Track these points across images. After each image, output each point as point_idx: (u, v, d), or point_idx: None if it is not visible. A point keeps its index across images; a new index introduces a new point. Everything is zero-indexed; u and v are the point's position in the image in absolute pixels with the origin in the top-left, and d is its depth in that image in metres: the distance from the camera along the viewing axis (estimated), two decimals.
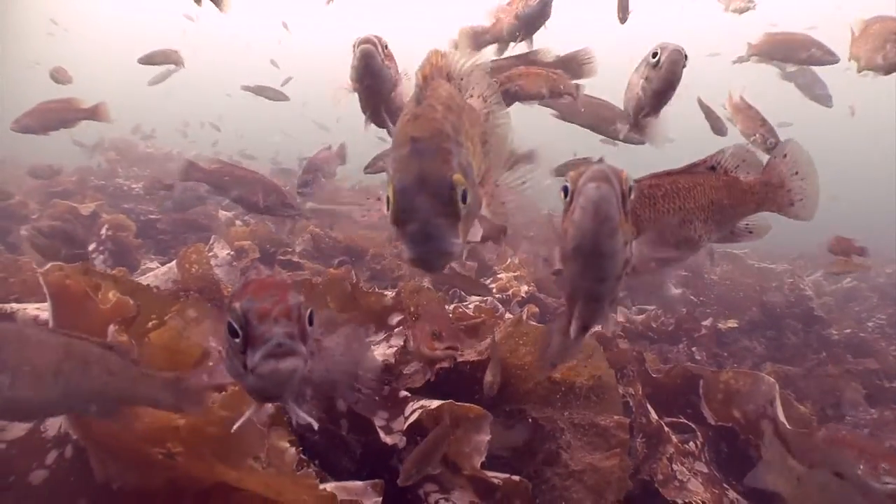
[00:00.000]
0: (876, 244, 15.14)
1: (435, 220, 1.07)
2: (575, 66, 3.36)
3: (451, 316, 2.85)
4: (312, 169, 5.11)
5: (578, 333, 1.36)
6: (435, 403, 2.18)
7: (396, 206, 1.09)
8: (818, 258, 10.06)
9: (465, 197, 1.10)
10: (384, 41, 2.36)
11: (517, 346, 2.65)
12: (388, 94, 2.46)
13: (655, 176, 1.81)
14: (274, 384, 1.10)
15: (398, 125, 1.24)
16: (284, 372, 1.06)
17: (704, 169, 1.82)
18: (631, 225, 1.19)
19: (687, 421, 3.05)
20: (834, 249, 5.20)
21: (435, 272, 1.17)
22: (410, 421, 2.18)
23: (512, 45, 3.53)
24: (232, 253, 5.17)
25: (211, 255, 4.84)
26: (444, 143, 1.15)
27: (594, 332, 3.36)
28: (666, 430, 2.79)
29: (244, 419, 1.34)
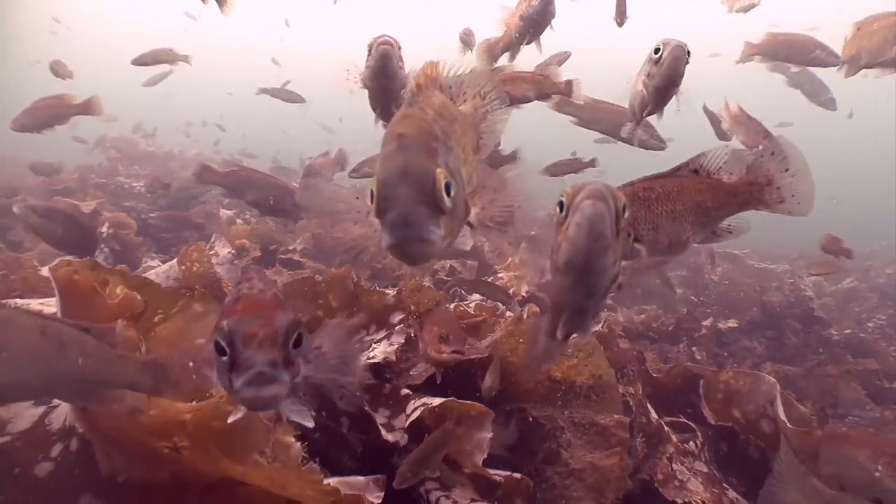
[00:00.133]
0: (876, 245, 15.17)
1: (414, 207, 1.07)
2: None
3: (455, 316, 2.84)
4: (312, 173, 5.18)
5: (561, 340, 1.39)
6: (437, 401, 2.19)
7: (378, 195, 1.09)
8: (818, 259, 10.08)
9: (448, 189, 1.10)
10: (399, 42, 2.43)
11: (517, 344, 2.65)
12: (398, 93, 2.52)
13: (646, 179, 1.83)
14: (256, 407, 1.11)
15: (388, 126, 1.25)
16: (264, 399, 1.07)
17: (687, 172, 1.85)
18: (621, 244, 1.21)
19: (687, 420, 3.06)
20: (826, 248, 5.27)
21: (415, 262, 1.16)
22: (412, 418, 2.19)
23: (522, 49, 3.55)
24: (233, 251, 5.19)
25: (212, 253, 4.86)
26: (430, 141, 1.16)
27: (594, 331, 3.39)
28: (666, 429, 2.79)
29: (241, 414, 1.35)
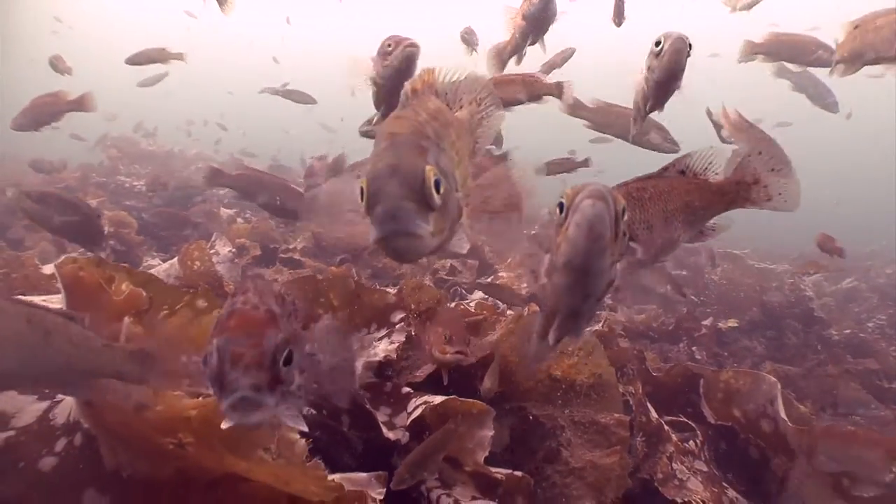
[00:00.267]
0: (876, 245, 15.17)
1: (402, 202, 1.07)
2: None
3: (460, 318, 2.84)
4: (311, 174, 5.29)
5: (554, 342, 1.38)
6: (438, 399, 2.19)
7: (367, 191, 1.10)
8: (818, 259, 10.08)
9: (437, 187, 1.10)
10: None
11: (518, 343, 2.65)
12: None
13: (639, 180, 1.85)
14: (242, 425, 1.10)
15: (381, 126, 1.25)
16: (248, 423, 1.07)
17: (675, 173, 1.87)
18: (619, 247, 1.20)
19: (687, 420, 3.06)
20: (821, 246, 5.29)
21: (403, 258, 1.15)
22: (413, 416, 2.20)
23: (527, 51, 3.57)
24: (233, 250, 5.20)
25: (213, 252, 4.86)
26: (421, 140, 1.17)
27: (594, 330, 3.40)
28: (666, 428, 2.80)
29: None
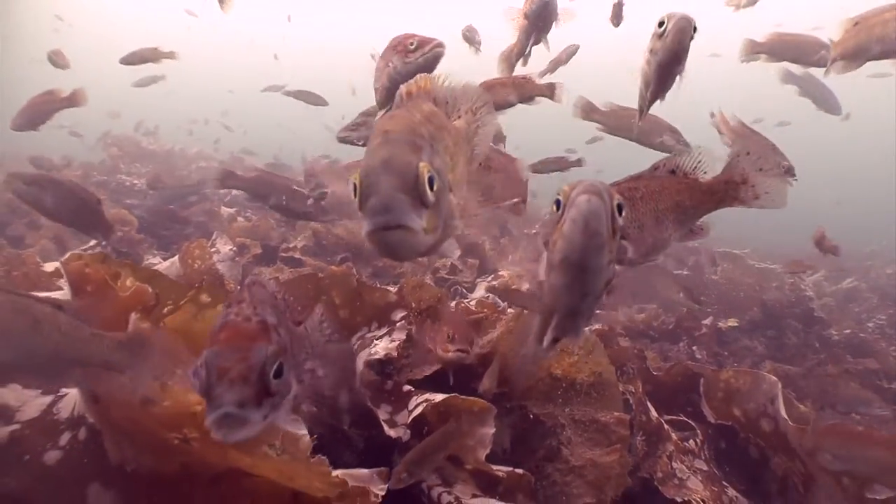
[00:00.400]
0: (876, 245, 15.16)
1: (395, 194, 1.06)
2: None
3: (465, 317, 2.84)
4: (312, 175, 5.31)
5: (550, 344, 1.37)
6: (439, 397, 2.19)
7: (360, 185, 1.09)
8: (819, 259, 10.08)
9: (431, 184, 1.10)
10: None
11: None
12: None
13: (630, 179, 1.86)
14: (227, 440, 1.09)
15: (376, 125, 1.25)
16: (232, 439, 1.06)
17: (665, 172, 1.88)
18: (616, 244, 1.19)
19: (687, 419, 3.06)
20: (817, 243, 5.51)
21: (395, 252, 1.13)
22: (415, 414, 2.19)
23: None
24: (234, 248, 5.20)
25: (213, 250, 4.86)
26: (415, 138, 1.16)
27: (595, 328, 3.40)
28: (666, 427, 2.80)
29: None
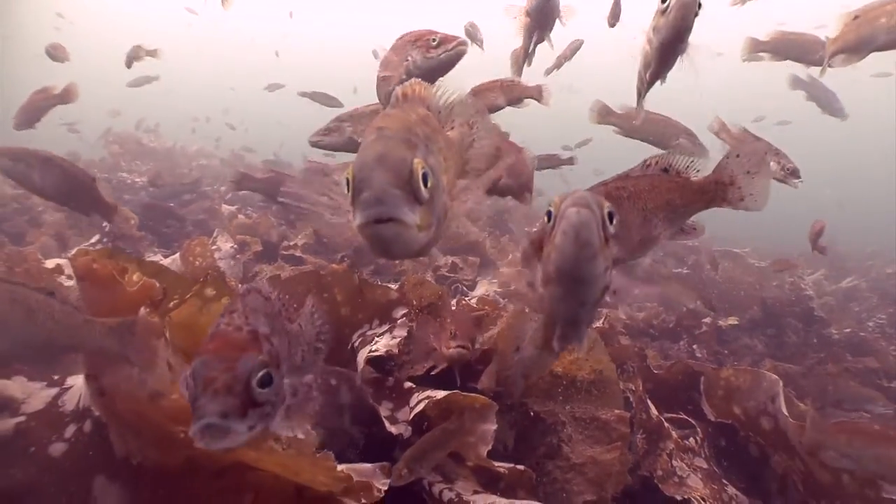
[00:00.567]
0: (876, 244, 15.19)
1: (389, 188, 1.06)
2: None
3: (469, 315, 2.84)
4: (314, 173, 5.37)
5: (553, 351, 1.39)
6: (441, 394, 2.19)
7: (353, 180, 1.09)
8: (819, 258, 10.08)
9: (426, 180, 1.10)
10: None
11: None
12: None
13: (619, 178, 1.87)
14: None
15: (370, 123, 1.25)
16: (215, 448, 1.05)
17: (658, 171, 1.88)
18: (610, 252, 1.20)
19: (687, 417, 3.07)
20: (811, 239, 5.59)
21: (387, 248, 1.11)
22: (416, 411, 2.20)
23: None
24: (235, 246, 5.21)
25: (214, 248, 4.87)
26: (410, 136, 1.16)
27: (595, 325, 3.40)
28: (666, 426, 2.81)
29: None
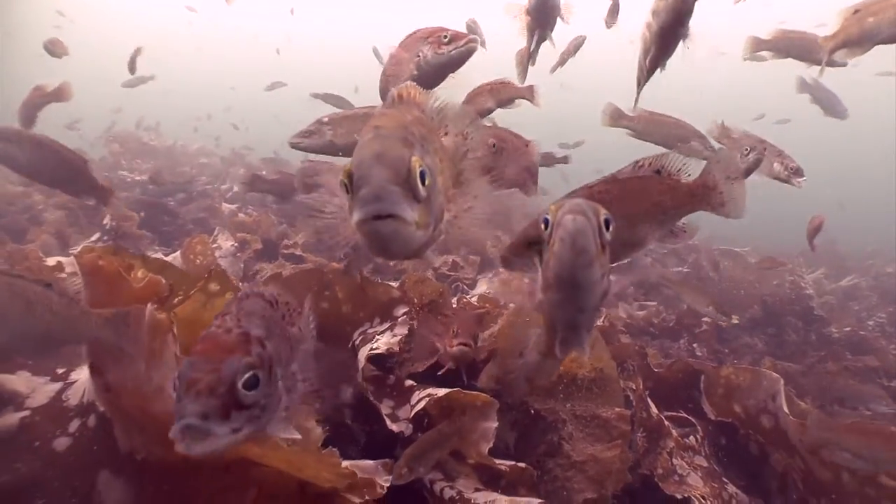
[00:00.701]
0: (876, 244, 15.20)
1: (388, 185, 1.06)
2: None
3: (471, 313, 2.84)
4: (310, 174, 5.45)
5: (556, 357, 1.41)
6: (442, 392, 2.20)
7: (352, 177, 1.09)
8: (819, 257, 10.09)
9: (423, 178, 1.10)
10: None
11: None
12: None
13: (605, 181, 1.86)
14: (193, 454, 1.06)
15: (367, 123, 1.25)
16: (195, 452, 1.03)
17: (650, 172, 1.87)
18: (608, 257, 1.22)
19: (687, 415, 3.07)
20: (809, 233, 5.60)
21: (386, 246, 1.08)
22: (417, 409, 2.20)
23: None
24: (235, 244, 5.21)
25: (215, 246, 4.88)
26: (407, 135, 1.16)
27: (596, 325, 3.40)
28: (666, 424, 2.81)
29: None
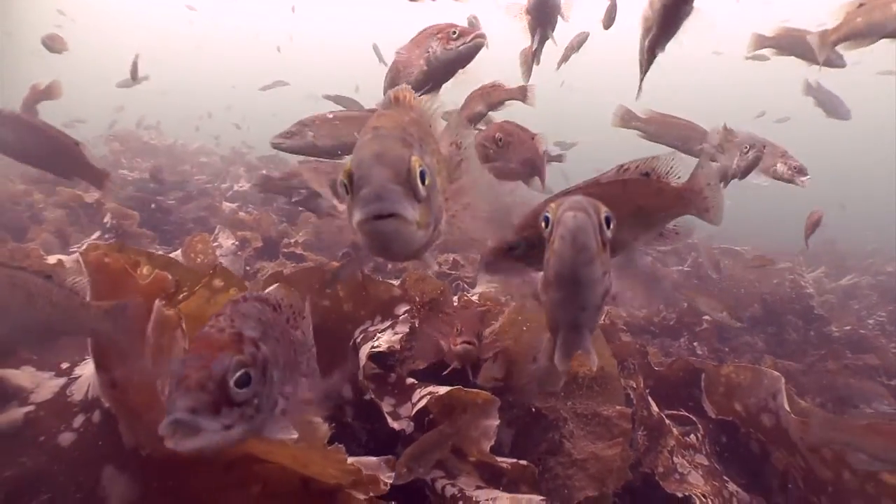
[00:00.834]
0: (876, 243, 15.22)
1: (389, 184, 1.05)
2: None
3: (475, 311, 2.85)
4: (293, 174, 5.49)
5: (562, 360, 1.39)
6: (443, 390, 2.20)
7: (352, 177, 1.08)
8: (820, 256, 10.11)
9: (423, 178, 1.10)
10: None
11: (521, 333, 2.65)
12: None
13: (587, 185, 1.83)
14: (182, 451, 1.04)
15: (365, 124, 1.25)
16: (184, 448, 1.01)
17: (637, 175, 1.83)
18: (609, 255, 1.21)
19: (688, 414, 3.07)
20: (807, 227, 5.51)
21: (387, 245, 1.06)
22: (418, 407, 2.20)
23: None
24: (236, 243, 5.21)
25: (216, 244, 4.88)
26: (406, 135, 1.16)
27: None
28: (667, 422, 2.81)
29: None
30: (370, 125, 1.18)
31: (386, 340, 2.51)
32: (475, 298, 3.19)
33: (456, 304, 3.02)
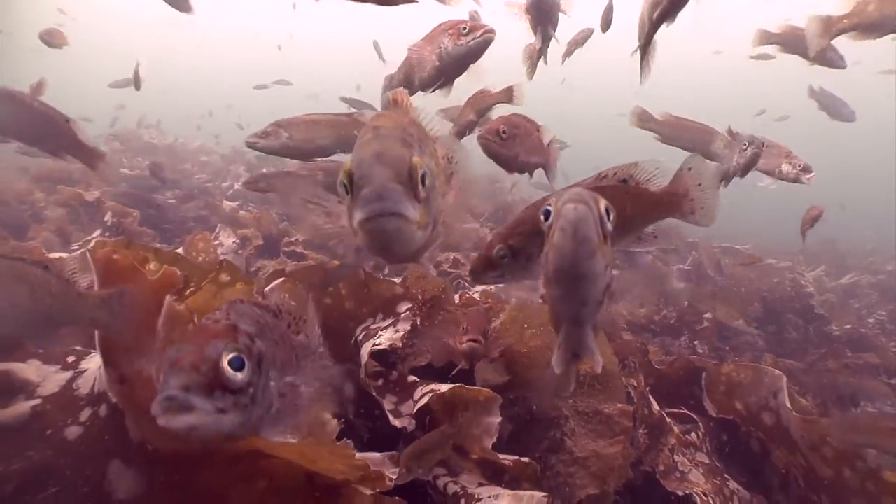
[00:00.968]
0: (877, 242, 15.23)
1: (390, 184, 1.05)
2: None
3: (480, 309, 2.85)
4: (262, 177, 5.48)
5: (570, 361, 1.37)
6: (445, 387, 2.20)
7: (353, 177, 1.08)
8: (820, 255, 10.11)
9: (423, 178, 1.10)
10: None
11: (522, 330, 2.66)
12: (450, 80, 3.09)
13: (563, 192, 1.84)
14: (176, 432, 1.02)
15: (365, 124, 1.25)
16: (178, 428, 1.00)
17: (615, 181, 1.84)
18: (610, 248, 1.18)
19: (689, 412, 3.08)
20: (805, 223, 5.54)
21: (388, 245, 1.04)
22: (420, 405, 2.20)
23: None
24: (237, 241, 5.22)
25: (217, 242, 4.89)
26: (406, 135, 1.16)
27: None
28: (668, 421, 2.82)
29: None
30: (370, 125, 1.18)
31: (388, 338, 2.51)
32: (476, 296, 3.19)
33: (457, 302, 3.02)
